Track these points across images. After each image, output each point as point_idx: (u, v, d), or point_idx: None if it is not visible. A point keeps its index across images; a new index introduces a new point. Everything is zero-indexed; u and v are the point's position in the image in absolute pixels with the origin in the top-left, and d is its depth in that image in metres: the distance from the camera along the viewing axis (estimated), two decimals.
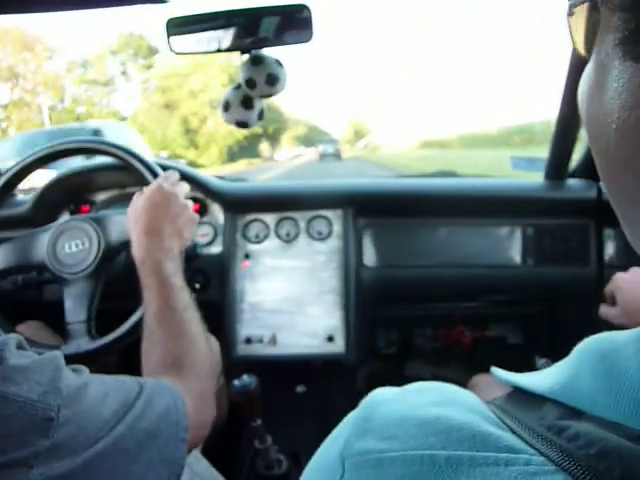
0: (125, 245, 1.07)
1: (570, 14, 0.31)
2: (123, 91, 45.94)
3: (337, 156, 38.12)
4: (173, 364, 0.77)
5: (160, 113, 41.84)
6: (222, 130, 40.80)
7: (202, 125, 42.88)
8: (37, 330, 1.18)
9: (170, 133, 40.55)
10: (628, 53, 0.25)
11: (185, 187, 1.03)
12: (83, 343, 0.99)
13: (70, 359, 1.00)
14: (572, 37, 0.32)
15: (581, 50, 0.31)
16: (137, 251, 0.90)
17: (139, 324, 0.98)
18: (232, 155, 44.81)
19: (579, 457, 0.23)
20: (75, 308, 1.01)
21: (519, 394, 0.31)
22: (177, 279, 0.88)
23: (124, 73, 44.04)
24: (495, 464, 0.24)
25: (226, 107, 1.18)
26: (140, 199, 0.96)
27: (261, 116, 1.20)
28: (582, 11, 0.29)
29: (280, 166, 31.97)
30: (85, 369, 0.61)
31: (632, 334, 0.27)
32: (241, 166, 36.88)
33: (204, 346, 0.83)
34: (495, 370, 0.35)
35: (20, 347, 0.55)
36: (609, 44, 0.26)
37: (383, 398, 0.31)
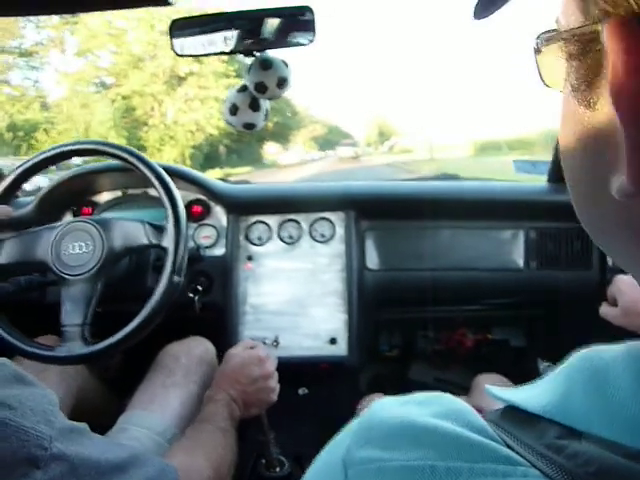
0: (128, 251, 1.07)
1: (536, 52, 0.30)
2: (58, 66, 28.76)
3: (356, 159, 35.41)
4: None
5: (85, 95, 26.10)
6: (183, 120, 26.53)
7: (153, 114, 27.05)
8: (52, 343, 1.18)
9: (96, 124, 24.53)
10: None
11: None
12: (76, 347, 0.98)
13: (62, 361, 1.01)
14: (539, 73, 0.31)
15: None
16: (217, 387, 1.05)
17: (133, 333, 0.98)
18: (213, 160, 28.44)
19: (579, 475, 0.23)
20: (72, 311, 1.01)
21: (514, 412, 0.31)
22: (229, 422, 0.99)
23: (55, 41, 26.56)
24: (493, 475, 0.24)
25: (234, 110, 1.18)
26: (241, 353, 1.12)
27: (267, 117, 1.20)
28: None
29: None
30: (85, 426, 0.61)
31: (620, 350, 0.27)
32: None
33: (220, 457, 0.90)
34: (489, 388, 0.35)
35: (15, 375, 0.55)
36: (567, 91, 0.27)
37: (385, 407, 0.32)
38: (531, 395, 0.30)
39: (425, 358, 1.80)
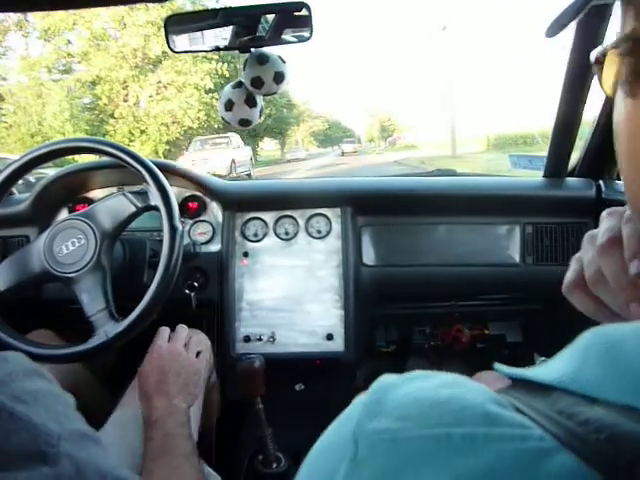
0: (121, 226, 1.08)
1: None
2: (19, 51, 25.22)
3: (358, 156, 37.17)
4: None
5: (41, 83, 21.97)
6: (156, 111, 22.62)
7: (121, 103, 22.88)
8: (47, 339, 1.18)
9: (49, 116, 20.70)
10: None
11: (188, 339, 1.10)
12: (110, 328, 1.01)
13: (104, 347, 1.01)
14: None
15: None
16: (146, 410, 0.94)
17: (158, 298, 1.01)
18: None
19: (589, 441, 0.23)
20: (91, 300, 1.03)
21: (524, 385, 0.31)
22: (183, 430, 0.92)
23: (19, 24, 21.92)
24: (510, 440, 0.24)
25: (229, 106, 1.17)
26: (147, 362, 1.01)
27: (261, 113, 1.20)
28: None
29: None
30: (99, 437, 0.60)
31: (636, 325, 0.28)
32: None
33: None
34: (498, 365, 0.35)
35: (36, 370, 0.56)
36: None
37: (392, 382, 0.31)
38: (544, 370, 0.30)
39: (422, 354, 1.80)
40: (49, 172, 1.49)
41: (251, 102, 1.16)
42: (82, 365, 1.26)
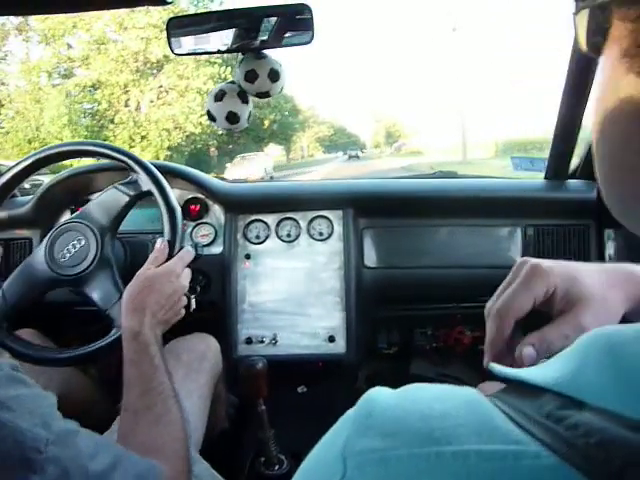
0: (118, 218, 1.09)
1: (575, 13, 0.31)
2: (21, 55, 24.60)
3: (356, 157, 40.63)
4: (156, 450, 0.75)
5: (39, 88, 21.51)
6: (157, 116, 22.00)
7: (121, 108, 22.33)
8: (31, 337, 1.17)
9: (47, 121, 20.30)
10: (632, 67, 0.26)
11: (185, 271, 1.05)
12: None
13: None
14: (577, 36, 0.32)
15: (583, 48, 0.31)
16: (126, 323, 0.89)
17: None
18: (201, 164, 22.62)
19: (578, 446, 0.22)
20: (105, 294, 1.03)
21: (517, 387, 0.30)
22: (159, 358, 0.86)
23: (20, 27, 21.58)
24: (503, 458, 0.23)
25: (220, 96, 1.16)
26: (137, 279, 0.95)
27: (250, 117, 1.19)
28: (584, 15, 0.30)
29: None
30: (75, 422, 0.60)
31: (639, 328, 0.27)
32: None
33: (180, 428, 0.82)
34: (493, 366, 0.35)
35: (15, 370, 0.56)
36: (614, 55, 0.27)
37: (383, 394, 0.31)
38: (540, 371, 0.30)
39: (423, 355, 1.79)
40: (45, 179, 1.49)
41: (243, 97, 1.15)
42: (79, 371, 1.26)
